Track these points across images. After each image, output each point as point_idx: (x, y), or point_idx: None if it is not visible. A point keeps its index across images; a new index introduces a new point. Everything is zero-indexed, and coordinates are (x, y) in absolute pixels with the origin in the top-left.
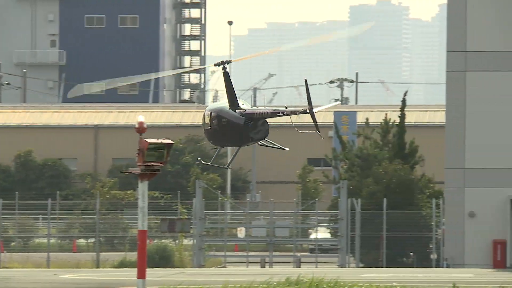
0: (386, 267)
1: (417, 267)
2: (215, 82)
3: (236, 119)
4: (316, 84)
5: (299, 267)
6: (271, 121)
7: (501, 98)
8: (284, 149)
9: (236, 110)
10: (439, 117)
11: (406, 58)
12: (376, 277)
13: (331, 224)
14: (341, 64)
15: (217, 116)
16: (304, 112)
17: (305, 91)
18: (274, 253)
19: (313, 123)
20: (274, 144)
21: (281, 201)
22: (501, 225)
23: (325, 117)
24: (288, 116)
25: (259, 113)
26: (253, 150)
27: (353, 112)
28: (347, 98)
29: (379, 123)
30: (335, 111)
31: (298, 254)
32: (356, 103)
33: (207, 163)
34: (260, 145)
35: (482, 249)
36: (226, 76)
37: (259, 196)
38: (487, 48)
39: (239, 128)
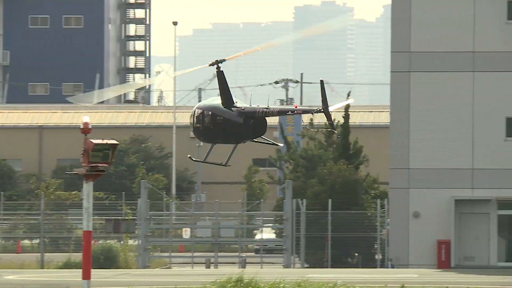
0: (331, 267)
1: (362, 268)
2: (160, 83)
3: (235, 117)
4: (261, 85)
5: (244, 267)
6: None
7: (445, 99)
8: (278, 145)
9: (232, 108)
10: (384, 118)
11: (351, 58)
12: (321, 277)
13: (276, 224)
14: (286, 65)
15: (211, 114)
16: (319, 111)
17: (249, 93)
18: (219, 254)
19: (327, 122)
20: (268, 141)
21: (226, 202)
22: (446, 225)
23: (270, 118)
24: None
25: (266, 111)
26: (198, 151)
27: None
28: (292, 99)
29: (324, 123)
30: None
31: (243, 254)
32: (301, 103)
33: (198, 160)
34: (255, 141)
35: (427, 249)
36: (221, 75)
37: (204, 196)
38: (431, 49)
39: (238, 125)
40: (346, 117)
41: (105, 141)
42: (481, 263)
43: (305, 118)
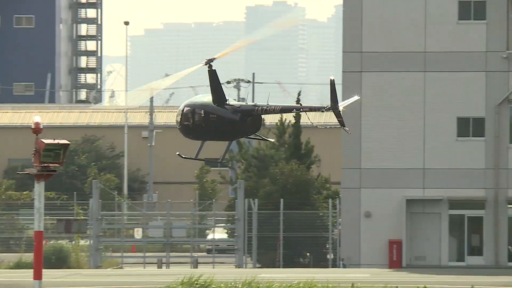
0: (283, 267)
1: (314, 267)
2: (112, 82)
3: (230, 115)
4: None
5: (196, 267)
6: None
7: (396, 99)
8: (269, 141)
9: (226, 106)
10: (335, 118)
11: (302, 58)
12: (272, 277)
13: (228, 224)
14: (237, 64)
15: (205, 112)
16: (328, 109)
17: (201, 91)
18: (171, 254)
19: (337, 119)
20: (260, 137)
21: (178, 202)
22: (397, 225)
23: None
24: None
25: (266, 109)
26: (150, 150)
27: None
28: (243, 99)
29: (275, 123)
30: None
31: (195, 254)
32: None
33: (188, 157)
34: (249, 138)
35: (378, 249)
36: (214, 73)
37: (156, 196)
38: (382, 49)
39: (233, 123)
40: (298, 116)
41: (56, 141)
42: (432, 262)
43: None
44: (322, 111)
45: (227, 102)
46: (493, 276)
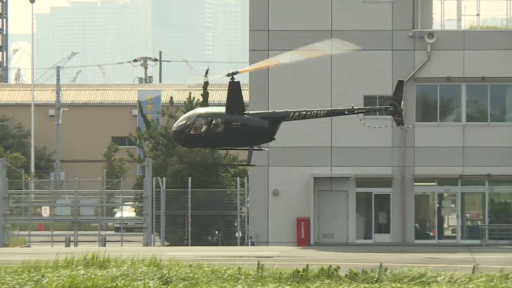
0: (192, 245)
1: (222, 245)
2: (18, 60)
3: (257, 122)
4: (119, 63)
5: (105, 245)
6: None
7: (303, 78)
8: (261, 150)
9: (246, 113)
10: (243, 96)
11: (209, 37)
12: (180, 255)
13: (136, 202)
14: (145, 42)
15: (226, 121)
16: (390, 110)
17: (108, 71)
18: (79, 232)
19: (394, 119)
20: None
21: (86, 180)
22: (305, 203)
23: (129, 96)
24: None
25: (311, 113)
26: (57, 129)
27: (157, 91)
28: (151, 77)
29: (183, 102)
30: (139, 90)
31: (103, 233)
32: (160, 81)
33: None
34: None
35: (286, 227)
36: (237, 85)
37: (63, 175)
38: (289, 27)
39: (260, 130)
40: (205, 95)
41: None
42: (340, 240)
43: (164, 96)
44: (383, 112)
45: (245, 112)
46: (400, 253)
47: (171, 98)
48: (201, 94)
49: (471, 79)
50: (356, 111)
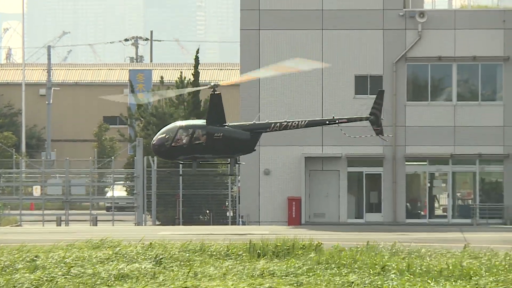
0: (183, 224)
1: (213, 225)
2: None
3: (240, 134)
4: (110, 42)
5: (96, 225)
6: None
7: (294, 56)
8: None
9: (227, 125)
10: (234, 75)
11: (201, 16)
12: (171, 234)
13: (127, 182)
14: (136, 22)
15: (208, 133)
16: (370, 119)
17: (99, 51)
18: (70, 212)
19: (374, 129)
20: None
21: (77, 160)
22: (296, 182)
23: (120, 75)
24: None
25: (292, 124)
26: (48, 108)
27: (148, 70)
28: (142, 57)
29: (174, 81)
30: (130, 69)
31: (95, 212)
32: (151, 61)
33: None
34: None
35: (278, 206)
36: (219, 97)
37: (54, 154)
38: (280, 6)
39: (243, 141)
40: (196, 74)
41: None
42: (331, 219)
43: (155, 76)
44: (362, 121)
45: (226, 124)
46: (391, 233)
47: (162, 77)
48: (192, 74)
49: (462, 58)
50: (337, 121)
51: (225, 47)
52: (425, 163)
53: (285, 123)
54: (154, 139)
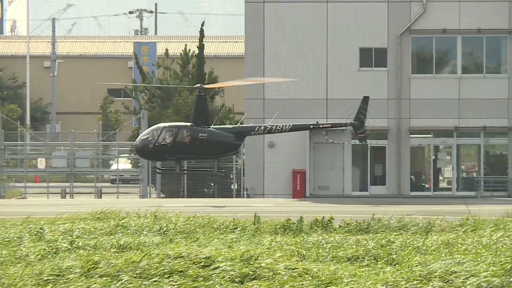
0: (187, 197)
1: (218, 198)
2: (13, 12)
3: (224, 136)
4: (115, 15)
5: (101, 197)
6: None
7: (299, 30)
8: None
9: (211, 127)
10: (239, 48)
11: None
12: (176, 207)
13: (132, 154)
14: None
15: (192, 133)
16: (354, 125)
17: (104, 23)
18: (75, 184)
19: (357, 135)
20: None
21: (82, 132)
22: (301, 155)
23: (124, 48)
24: None
25: (275, 128)
26: (53, 80)
27: (153, 43)
28: (146, 29)
29: (179, 54)
30: (134, 42)
31: (99, 184)
32: (156, 33)
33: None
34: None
35: (282, 179)
36: (204, 98)
37: (59, 126)
38: None
39: (228, 143)
40: (201, 47)
41: None
42: (336, 192)
43: (160, 48)
44: (346, 126)
45: (211, 126)
46: (395, 205)
47: (167, 50)
48: (197, 46)
49: (466, 31)
50: (321, 126)
51: (229, 20)
52: (430, 135)
53: (269, 127)
54: (136, 140)
